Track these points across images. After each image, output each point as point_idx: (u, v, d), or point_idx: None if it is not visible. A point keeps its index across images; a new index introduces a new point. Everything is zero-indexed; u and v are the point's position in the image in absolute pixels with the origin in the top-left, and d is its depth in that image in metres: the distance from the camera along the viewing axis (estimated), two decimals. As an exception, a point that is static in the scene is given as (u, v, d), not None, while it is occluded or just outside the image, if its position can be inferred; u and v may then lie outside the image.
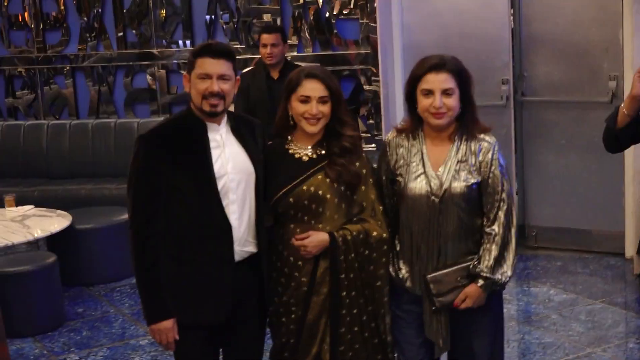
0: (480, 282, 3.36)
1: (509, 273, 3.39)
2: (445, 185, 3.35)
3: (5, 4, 8.76)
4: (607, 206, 6.80)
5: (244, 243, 3.42)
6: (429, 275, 3.37)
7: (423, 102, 3.35)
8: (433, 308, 3.39)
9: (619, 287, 6.20)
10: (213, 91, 3.31)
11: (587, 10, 6.68)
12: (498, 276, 3.36)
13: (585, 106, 6.76)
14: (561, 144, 6.91)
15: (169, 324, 3.36)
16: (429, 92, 3.33)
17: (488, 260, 3.36)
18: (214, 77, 3.32)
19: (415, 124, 3.46)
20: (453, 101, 3.34)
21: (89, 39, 8.57)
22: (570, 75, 6.80)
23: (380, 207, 3.46)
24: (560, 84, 6.85)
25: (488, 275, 3.35)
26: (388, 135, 3.58)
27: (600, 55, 6.66)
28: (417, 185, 3.38)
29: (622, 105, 3.73)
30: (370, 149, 7.38)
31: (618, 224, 6.74)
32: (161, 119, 7.93)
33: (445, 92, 3.32)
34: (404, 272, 3.46)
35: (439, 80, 3.32)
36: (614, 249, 6.81)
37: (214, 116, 3.37)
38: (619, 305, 5.83)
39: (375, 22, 7.33)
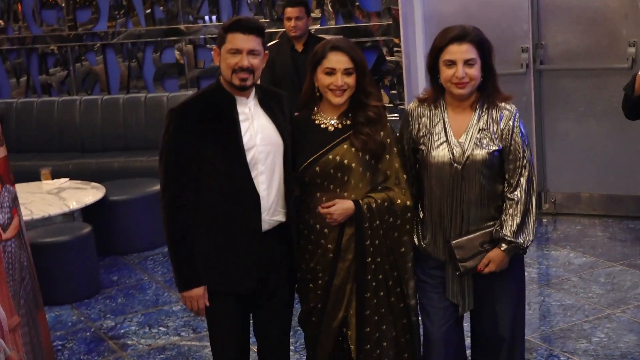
0: (504, 246, 3.41)
1: (531, 237, 3.45)
2: (468, 153, 3.40)
3: (37, -16, 8.91)
4: (625, 171, 6.81)
5: (272, 213, 3.47)
6: (453, 242, 3.43)
7: (446, 73, 3.39)
8: (457, 273, 3.46)
9: (638, 249, 6.22)
10: (243, 66, 3.33)
11: (603, -24, 6.65)
12: (520, 240, 3.42)
13: (604, 73, 6.76)
14: (580, 111, 6.90)
15: (199, 291, 3.43)
16: (451, 63, 3.36)
17: (511, 225, 3.40)
18: (244, 52, 3.34)
19: (437, 94, 3.50)
20: (475, 71, 3.37)
21: (117, 16, 8.70)
22: (589, 42, 6.77)
23: (404, 176, 3.49)
24: (578, 51, 6.83)
25: (511, 239, 3.40)
26: (410, 105, 3.62)
27: (619, 21, 6.63)
28: (440, 153, 3.43)
29: (639, 72, 3.70)
30: (393, 118, 7.42)
31: (637, 188, 6.78)
32: (190, 92, 8.11)
33: (468, 63, 3.35)
34: (427, 238, 3.52)
35: (461, 51, 3.35)
36: (633, 212, 6.85)
37: (243, 90, 3.41)
38: (638, 267, 5.86)
39: (396, -7, 7.37)
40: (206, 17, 8.41)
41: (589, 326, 5.02)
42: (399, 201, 3.46)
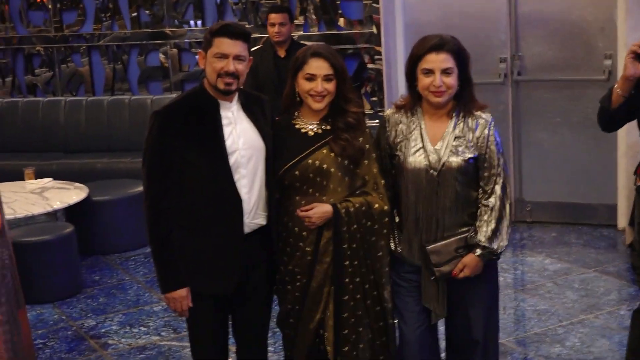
0: (478, 251, 3.47)
1: (505, 243, 3.51)
2: (444, 160, 3.45)
3: (24, -15, 8.94)
4: (600, 180, 6.88)
5: (253, 216, 3.50)
6: (429, 247, 3.48)
7: (423, 81, 3.43)
8: (432, 278, 3.51)
9: (611, 256, 6.30)
10: (229, 71, 3.35)
11: (582, -11, 6.70)
12: (495, 246, 3.47)
13: (580, 84, 6.82)
14: (556, 121, 6.96)
15: (183, 292, 3.46)
16: (429, 72, 3.41)
17: (485, 231, 3.47)
18: (230, 57, 3.35)
19: (414, 101, 3.55)
20: (452, 80, 3.41)
21: (104, 19, 8.73)
22: (566, 54, 6.84)
23: (382, 181, 3.53)
24: (555, 62, 6.88)
25: (486, 244, 3.46)
26: (387, 111, 3.67)
27: (596, 34, 6.70)
28: (416, 159, 3.48)
29: (616, 85, 3.75)
30: (374, 124, 7.50)
31: (610, 197, 6.84)
32: (173, 95, 8.11)
33: (445, 72, 3.40)
34: (403, 243, 3.58)
35: (439, 60, 3.39)
36: (606, 220, 6.92)
37: (228, 94, 3.43)
38: (611, 274, 5.94)
39: (378, 3, 7.44)
40: (191, 22, 8.46)
41: (562, 331, 5.09)
42: (376, 205, 3.51)
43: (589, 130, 6.70)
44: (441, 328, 3.78)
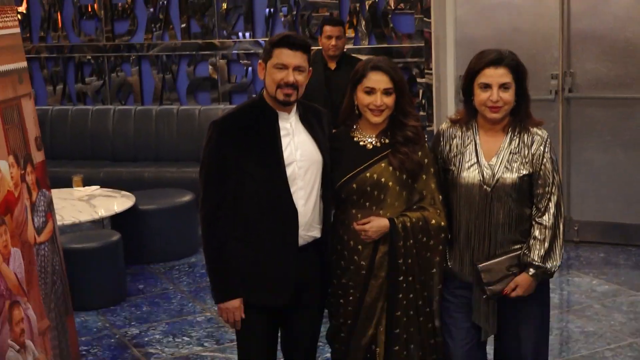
0: (532, 271, 3.41)
1: (558, 262, 3.45)
2: (498, 175, 3.41)
3: (77, -5, 9.07)
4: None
5: (309, 228, 3.49)
6: (480, 265, 3.44)
7: (480, 96, 3.40)
8: (484, 296, 3.47)
9: None
10: (289, 81, 3.34)
11: (636, 6, 6.66)
12: (548, 265, 3.41)
13: (632, 103, 6.76)
14: (606, 139, 6.90)
15: (236, 303, 3.45)
16: (486, 86, 3.38)
17: (539, 249, 3.41)
18: (290, 67, 3.35)
19: (469, 115, 3.52)
20: (509, 95, 3.38)
21: (154, 29, 8.82)
22: (618, 71, 6.77)
23: (440, 197, 3.50)
24: (607, 80, 6.82)
25: (539, 264, 3.40)
26: (442, 125, 3.64)
27: (650, 52, 6.64)
28: (470, 174, 3.45)
29: None
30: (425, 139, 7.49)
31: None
32: (221, 106, 8.22)
33: (503, 87, 3.37)
34: (454, 259, 3.54)
35: (497, 75, 3.37)
36: (656, 241, 6.84)
37: (287, 105, 3.42)
38: (661, 297, 5.85)
39: (429, 17, 7.44)
40: (240, 34, 8.51)
41: (610, 354, 5.00)
42: (433, 221, 3.48)
43: (640, 150, 6.66)
44: (489, 347, 3.71)
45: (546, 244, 3.42)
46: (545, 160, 3.43)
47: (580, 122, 7.01)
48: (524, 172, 3.43)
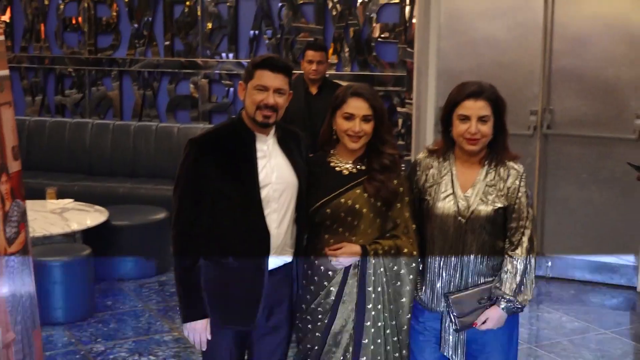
0: (503, 304, 3.41)
1: (529, 297, 3.45)
2: (473, 207, 3.42)
3: (62, 7, 9.03)
4: (623, 240, 6.84)
5: (280, 251, 3.47)
6: (452, 297, 3.43)
7: (459, 127, 3.42)
8: (454, 329, 3.47)
9: (629, 318, 6.27)
10: (268, 103, 3.34)
11: (618, 47, 6.72)
12: (520, 299, 3.42)
13: (609, 142, 6.81)
14: (583, 177, 6.94)
15: (203, 323, 3.42)
16: (465, 118, 3.39)
17: (511, 283, 3.41)
18: (270, 89, 3.34)
19: (447, 146, 3.53)
20: (487, 128, 3.40)
21: (137, 45, 8.81)
22: (597, 110, 6.83)
23: (413, 226, 3.50)
24: (586, 118, 6.87)
25: (511, 297, 3.40)
26: (419, 155, 3.65)
27: (629, 92, 6.71)
28: (446, 205, 3.45)
29: None
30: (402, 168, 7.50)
31: (630, 258, 6.81)
32: (201, 125, 8.19)
33: (481, 119, 3.38)
34: (424, 289, 3.53)
35: (476, 107, 3.38)
36: (626, 281, 6.87)
37: (265, 127, 3.41)
38: (629, 336, 5.89)
39: (412, 47, 7.50)
40: (223, 54, 8.50)
41: (577, 391, 5.03)
42: (405, 250, 3.48)
43: (616, 189, 6.72)
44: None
45: (518, 278, 3.42)
46: (520, 194, 3.44)
47: (557, 159, 7.05)
48: (499, 205, 3.43)
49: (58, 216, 6.49)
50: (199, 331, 3.44)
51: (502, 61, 7.07)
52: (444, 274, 3.48)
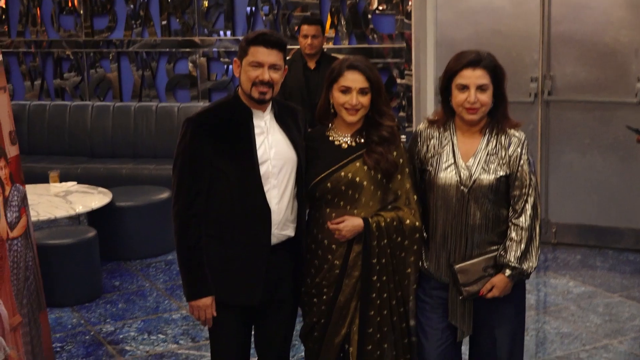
0: (508, 272, 3.40)
1: (534, 264, 3.45)
2: (475, 176, 3.40)
3: (57, -11, 9.02)
4: (628, 204, 6.84)
5: (282, 227, 3.47)
6: (457, 266, 3.42)
7: (458, 97, 3.40)
8: (460, 297, 3.46)
9: (637, 281, 6.25)
10: (264, 79, 3.33)
11: (617, 11, 6.70)
12: (525, 267, 3.41)
13: (611, 107, 6.79)
14: (585, 143, 6.93)
15: (208, 301, 3.43)
16: (464, 87, 3.37)
17: (515, 251, 3.40)
18: (265, 65, 3.34)
19: (447, 116, 3.51)
20: (486, 97, 3.38)
21: (134, 26, 8.79)
22: (598, 75, 6.81)
23: (415, 197, 3.49)
24: (587, 83, 6.86)
25: (515, 265, 3.39)
26: (419, 126, 3.63)
27: (629, 56, 6.68)
28: (447, 175, 3.44)
29: None
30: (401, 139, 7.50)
31: (637, 221, 6.81)
32: (201, 104, 8.19)
33: (480, 88, 3.36)
34: (430, 259, 3.53)
35: (475, 76, 3.36)
36: (633, 245, 6.89)
37: (262, 103, 3.40)
38: (636, 299, 5.88)
39: (410, 19, 7.47)
40: (221, 32, 8.49)
41: (585, 355, 5.03)
42: (408, 221, 3.47)
43: (619, 153, 6.70)
44: (465, 347, 3.71)
45: (522, 246, 3.41)
46: (522, 161, 3.43)
47: (559, 125, 7.03)
48: (501, 173, 3.42)
49: (62, 199, 6.51)
50: (204, 308, 3.45)
51: (501, 29, 7.04)
52: (448, 244, 3.48)
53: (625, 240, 6.94)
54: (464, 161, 3.45)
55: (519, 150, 3.43)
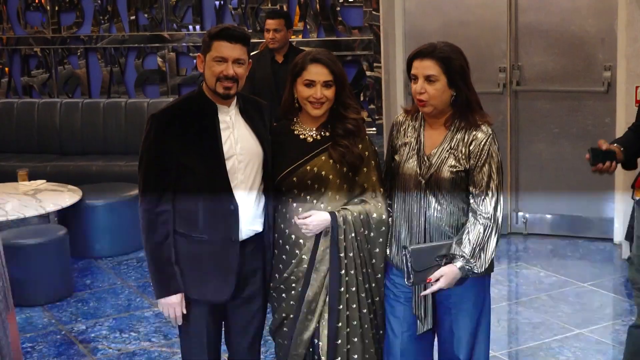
0: (459, 263, 3.32)
1: (485, 266, 3.36)
2: (433, 169, 3.38)
3: (22, -15, 8.92)
4: (597, 193, 6.83)
5: (250, 222, 3.46)
6: (411, 247, 3.34)
7: (412, 87, 3.38)
8: (408, 282, 3.37)
9: (608, 270, 6.31)
10: (228, 74, 3.31)
11: (583, 0, 6.71)
12: (476, 263, 3.33)
13: (579, 96, 6.81)
14: (554, 132, 6.94)
15: (177, 298, 3.42)
16: (415, 78, 3.36)
17: (469, 244, 3.33)
18: (229, 60, 3.32)
19: (416, 107, 3.49)
20: (434, 89, 3.32)
21: (102, 21, 8.70)
22: (565, 64, 6.82)
23: (381, 189, 3.50)
24: (555, 73, 6.87)
25: (468, 258, 3.32)
26: (397, 116, 3.63)
27: (596, 45, 6.69)
28: (409, 165, 3.43)
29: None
30: (371, 132, 7.50)
31: (607, 210, 6.85)
32: (170, 99, 8.09)
33: (428, 79, 3.31)
34: (391, 247, 3.52)
35: (422, 67, 3.32)
36: (602, 234, 6.91)
37: (227, 98, 3.39)
38: (607, 288, 5.92)
39: (378, 10, 7.46)
40: (190, 26, 8.44)
41: (557, 345, 5.05)
42: (374, 214, 3.47)
43: (588, 142, 6.68)
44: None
45: (478, 241, 3.35)
46: (484, 158, 3.37)
47: (528, 115, 7.05)
48: (460, 168, 3.38)
49: (31, 198, 6.45)
50: (173, 306, 3.44)
51: (468, 19, 7.06)
52: (405, 233, 3.46)
53: (596, 229, 6.96)
54: (427, 153, 3.42)
55: (480, 145, 3.37)
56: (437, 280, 3.35)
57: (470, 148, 3.38)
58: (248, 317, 3.62)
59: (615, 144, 3.90)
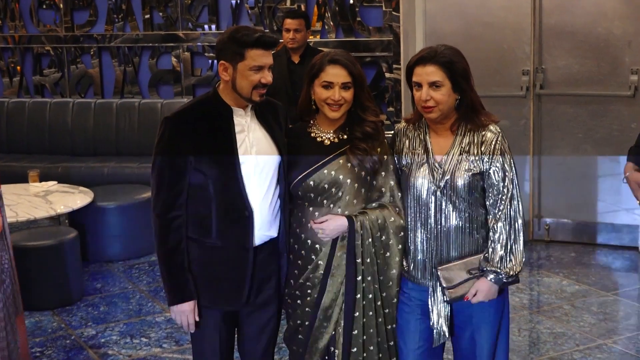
0: (490, 275, 3.32)
1: (518, 267, 3.35)
2: (447, 176, 3.33)
3: (35, -17, 8.89)
4: (622, 200, 6.77)
5: (265, 227, 3.42)
6: (440, 268, 3.35)
7: (415, 95, 3.33)
8: (446, 301, 3.38)
9: (632, 280, 6.23)
10: (268, 82, 3.29)
11: (609, 1, 6.63)
12: (507, 270, 3.33)
13: (604, 100, 6.73)
14: (578, 137, 6.86)
15: (190, 305, 3.38)
16: (419, 85, 3.31)
17: (496, 254, 3.32)
18: (266, 68, 3.28)
19: (418, 114, 3.44)
20: (441, 94, 3.28)
21: (116, 20, 8.66)
22: (590, 68, 6.74)
23: (399, 194, 3.44)
24: (579, 77, 6.79)
25: (496, 269, 3.31)
26: (398, 125, 3.58)
27: (622, 48, 6.61)
28: (420, 174, 3.37)
29: None
30: (390, 135, 7.41)
31: (633, 217, 6.75)
32: (185, 100, 8.06)
33: (433, 85, 3.28)
34: (409, 260, 3.46)
35: (425, 73, 3.28)
36: (628, 242, 6.83)
37: (257, 103, 3.37)
38: (631, 297, 5.85)
39: (398, 11, 7.39)
40: (205, 26, 8.37)
41: (579, 356, 4.98)
42: (392, 219, 3.41)
43: (612, 147, 6.60)
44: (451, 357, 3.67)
45: (503, 248, 3.32)
46: (497, 158, 3.33)
47: (551, 119, 6.97)
48: (475, 170, 3.33)
49: (42, 199, 6.44)
50: (186, 313, 3.39)
51: (491, 21, 6.97)
52: (425, 246, 3.41)
53: (620, 237, 6.88)
54: (437, 161, 3.36)
55: (492, 146, 3.33)
56: (474, 295, 3.36)
57: (482, 149, 3.34)
58: (262, 324, 3.57)
59: None
